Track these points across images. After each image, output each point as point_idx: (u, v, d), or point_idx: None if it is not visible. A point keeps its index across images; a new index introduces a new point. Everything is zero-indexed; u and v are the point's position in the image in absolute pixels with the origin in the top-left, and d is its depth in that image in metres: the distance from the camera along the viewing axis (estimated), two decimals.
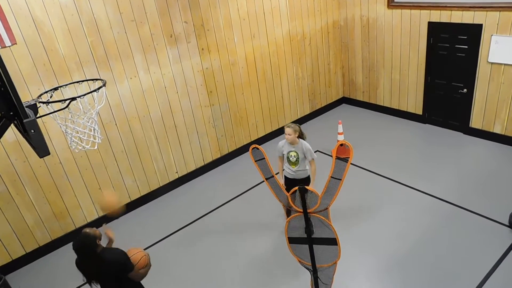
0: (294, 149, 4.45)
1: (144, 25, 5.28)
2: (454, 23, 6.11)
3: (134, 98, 5.48)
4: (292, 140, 4.41)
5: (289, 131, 4.37)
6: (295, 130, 4.38)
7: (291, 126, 4.40)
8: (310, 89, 7.75)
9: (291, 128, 4.38)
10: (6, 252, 4.98)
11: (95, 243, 3.06)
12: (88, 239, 3.05)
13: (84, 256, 3.10)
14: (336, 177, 2.95)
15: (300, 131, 4.44)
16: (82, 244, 3.05)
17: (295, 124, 4.47)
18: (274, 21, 6.68)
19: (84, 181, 5.36)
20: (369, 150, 6.57)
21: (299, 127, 4.45)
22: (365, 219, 5.04)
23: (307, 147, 4.43)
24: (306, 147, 4.43)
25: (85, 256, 3.09)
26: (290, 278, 4.34)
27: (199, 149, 6.45)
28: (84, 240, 3.05)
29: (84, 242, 3.05)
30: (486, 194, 5.16)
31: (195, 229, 5.40)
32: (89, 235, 3.06)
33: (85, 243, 3.05)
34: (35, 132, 2.23)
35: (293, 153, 4.47)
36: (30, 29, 4.45)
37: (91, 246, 3.04)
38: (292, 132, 4.37)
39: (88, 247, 3.05)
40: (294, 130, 4.38)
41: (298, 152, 4.43)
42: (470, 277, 4.02)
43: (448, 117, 6.81)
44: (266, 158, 3.19)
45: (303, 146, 4.42)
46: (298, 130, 4.43)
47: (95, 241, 3.06)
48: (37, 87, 4.62)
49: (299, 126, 4.47)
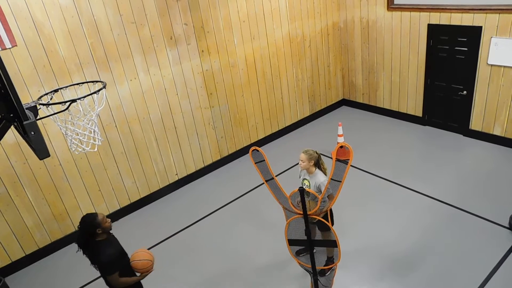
0: (308, 178, 3.86)
1: (144, 26, 5.28)
2: (453, 25, 6.12)
3: (134, 99, 5.48)
4: (305, 168, 3.79)
5: (302, 157, 3.73)
6: (310, 158, 3.71)
7: (307, 152, 3.74)
8: (310, 91, 7.76)
9: (305, 154, 3.73)
10: (5, 254, 4.97)
11: (93, 226, 3.07)
12: (88, 218, 3.11)
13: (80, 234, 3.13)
14: (336, 179, 2.96)
15: (317, 159, 3.77)
16: (83, 219, 3.12)
17: (313, 151, 3.77)
18: (274, 22, 6.69)
19: (84, 182, 5.36)
20: (369, 152, 6.57)
21: (317, 155, 3.76)
22: (365, 221, 5.03)
23: (320, 181, 3.74)
24: (319, 180, 3.74)
25: (80, 234, 3.12)
26: (290, 280, 4.33)
27: (199, 150, 6.45)
28: (86, 218, 3.12)
29: (85, 218, 3.12)
30: (486, 196, 5.16)
31: (195, 231, 5.40)
32: (92, 216, 3.11)
33: (85, 220, 3.11)
34: (35, 134, 2.22)
35: (306, 182, 3.87)
36: (30, 31, 4.45)
37: (88, 226, 3.07)
38: (306, 159, 3.72)
39: (86, 223, 3.09)
40: (309, 157, 3.71)
41: (311, 183, 3.83)
42: (470, 280, 4.01)
43: (448, 119, 6.82)
44: (266, 160, 3.18)
45: (316, 178, 3.78)
46: (315, 158, 3.74)
47: (94, 223, 3.07)
48: (37, 89, 4.62)
49: (318, 154, 3.78)
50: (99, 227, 3.09)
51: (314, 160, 3.77)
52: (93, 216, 3.12)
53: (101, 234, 3.13)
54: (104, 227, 3.13)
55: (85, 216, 3.14)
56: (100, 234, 3.12)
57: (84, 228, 3.09)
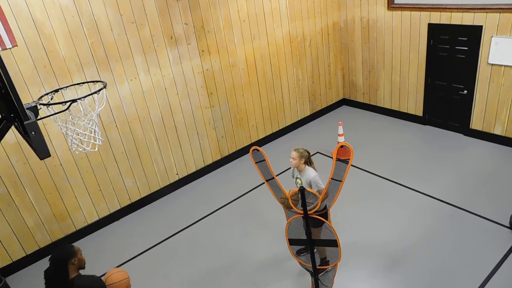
0: (300, 176, 3.97)
1: (145, 26, 5.28)
2: (454, 25, 6.12)
3: (134, 99, 5.48)
4: (295, 166, 3.91)
5: (293, 155, 3.86)
6: (300, 156, 3.84)
7: (297, 150, 3.87)
8: (310, 90, 7.75)
9: (296, 152, 3.86)
10: (6, 253, 4.98)
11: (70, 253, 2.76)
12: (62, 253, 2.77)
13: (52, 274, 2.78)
14: (337, 179, 2.96)
15: (308, 157, 3.90)
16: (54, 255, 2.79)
17: (304, 149, 3.90)
18: (274, 22, 6.69)
19: (85, 182, 5.36)
20: (370, 152, 6.56)
21: (307, 153, 3.90)
22: (365, 221, 5.03)
23: (311, 176, 3.84)
24: (309, 176, 3.85)
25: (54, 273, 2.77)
26: (291, 280, 4.33)
27: (200, 150, 6.45)
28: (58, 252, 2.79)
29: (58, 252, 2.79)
30: (486, 196, 5.16)
31: (195, 231, 5.40)
32: (65, 249, 2.78)
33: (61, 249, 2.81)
34: (36, 134, 2.22)
35: (298, 180, 3.99)
36: (30, 31, 4.46)
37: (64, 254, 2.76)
38: (297, 157, 3.84)
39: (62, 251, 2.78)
40: (300, 155, 3.84)
41: (302, 181, 3.92)
42: (470, 279, 4.01)
43: (448, 119, 6.81)
44: (266, 160, 3.18)
45: (307, 175, 3.87)
46: (306, 156, 3.87)
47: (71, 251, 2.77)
48: (38, 89, 4.63)
49: (308, 152, 3.91)
50: (75, 256, 2.79)
51: (305, 158, 3.87)
52: (68, 246, 2.84)
53: (75, 269, 2.80)
54: (80, 258, 2.84)
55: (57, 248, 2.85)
56: (73, 269, 2.78)
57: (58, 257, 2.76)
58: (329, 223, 3.26)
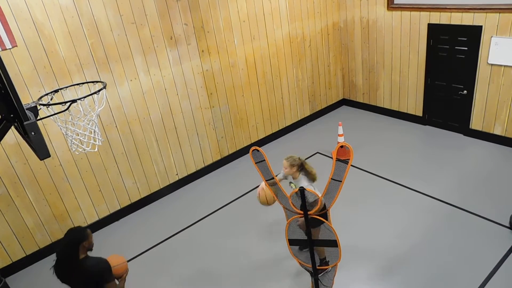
0: (294, 182, 3.92)
1: (144, 27, 5.29)
2: (454, 25, 6.12)
3: (134, 100, 5.49)
4: (288, 174, 3.87)
5: (284, 164, 3.81)
6: (291, 164, 3.76)
7: (288, 159, 3.80)
8: (310, 90, 7.76)
9: (287, 161, 3.79)
10: (6, 254, 4.98)
11: (83, 236, 2.94)
12: (78, 228, 2.99)
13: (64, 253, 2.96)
14: (337, 179, 2.96)
15: (299, 165, 3.80)
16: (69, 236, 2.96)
17: (296, 158, 3.82)
18: (274, 23, 6.69)
19: (84, 183, 5.36)
20: (369, 152, 6.57)
21: (299, 161, 3.80)
22: (365, 221, 5.03)
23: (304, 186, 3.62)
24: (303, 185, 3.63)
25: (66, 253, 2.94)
26: (291, 280, 4.33)
27: (199, 151, 6.45)
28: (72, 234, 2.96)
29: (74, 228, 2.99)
30: (486, 196, 5.16)
31: (195, 231, 5.40)
32: (79, 231, 2.97)
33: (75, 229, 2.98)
34: (36, 134, 2.23)
35: (293, 185, 3.92)
36: (30, 31, 4.46)
37: (77, 235, 2.93)
38: (288, 166, 3.78)
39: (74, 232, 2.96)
40: (291, 163, 3.77)
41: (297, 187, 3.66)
42: (470, 279, 4.01)
43: (448, 119, 6.81)
44: (266, 160, 3.19)
45: (300, 184, 3.78)
46: (297, 164, 3.78)
47: (84, 234, 2.95)
48: (38, 89, 4.63)
49: (301, 160, 3.82)
50: (87, 239, 2.96)
51: (297, 167, 3.81)
52: (82, 228, 3.01)
53: (84, 251, 2.96)
54: (90, 241, 3.01)
55: (71, 229, 3.02)
56: (83, 250, 2.95)
57: (72, 238, 2.93)
58: (329, 223, 3.27)
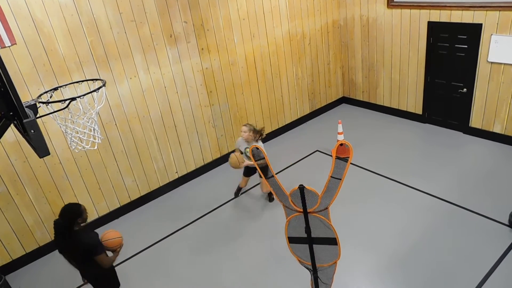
0: (248, 146, 4.96)
1: (144, 25, 5.28)
2: (453, 23, 6.12)
3: (134, 98, 5.48)
4: (246, 138, 5.07)
5: (244, 129, 5.06)
6: (249, 129, 5.07)
7: (247, 125, 5.11)
8: (310, 88, 7.75)
9: (246, 126, 5.08)
10: (6, 252, 4.99)
11: (78, 212, 3.28)
12: (73, 205, 3.33)
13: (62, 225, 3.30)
14: (336, 177, 2.96)
15: (257, 132, 5.10)
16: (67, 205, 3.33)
17: (250, 124, 5.19)
18: (273, 21, 6.68)
19: (84, 181, 5.36)
20: (369, 150, 6.57)
21: (257, 129, 5.14)
22: (365, 219, 5.04)
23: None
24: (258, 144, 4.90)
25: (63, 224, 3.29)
26: (290, 278, 4.34)
27: (199, 149, 6.45)
28: (71, 204, 3.34)
29: (70, 205, 3.33)
30: (486, 194, 5.16)
31: (195, 229, 5.41)
32: (76, 204, 3.33)
33: (70, 206, 3.32)
34: (35, 132, 2.23)
35: (247, 150, 5.01)
36: (30, 29, 4.45)
37: (73, 212, 3.27)
38: (247, 130, 5.05)
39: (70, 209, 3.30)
40: (249, 128, 5.07)
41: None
42: (470, 277, 4.02)
43: (448, 117, 6.82)
44: (266, 158, 3.19)
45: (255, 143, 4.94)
46: (254, 128, 5.10)
47: (80, 210, 3.28)
48: (37, 87, 4.62)
49: (258, 130, 5.15)
50: (81, 215, 3.29)
51: (254, 133, 5.03)
52: (78, 204, 3.35)
53: (78, 224, 3.31)
54: (85, 217, 3.34)
55: (69, 204, 3.35)
56: (78, 224, 3.30)
57: (68, 213, 3.26)
58: (329, 221, 3.27)
